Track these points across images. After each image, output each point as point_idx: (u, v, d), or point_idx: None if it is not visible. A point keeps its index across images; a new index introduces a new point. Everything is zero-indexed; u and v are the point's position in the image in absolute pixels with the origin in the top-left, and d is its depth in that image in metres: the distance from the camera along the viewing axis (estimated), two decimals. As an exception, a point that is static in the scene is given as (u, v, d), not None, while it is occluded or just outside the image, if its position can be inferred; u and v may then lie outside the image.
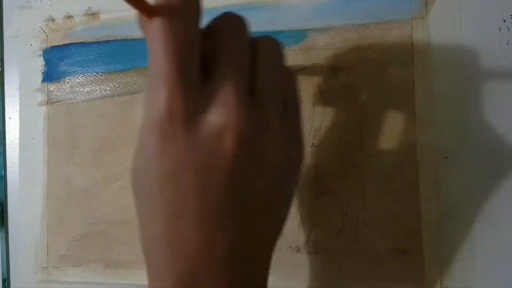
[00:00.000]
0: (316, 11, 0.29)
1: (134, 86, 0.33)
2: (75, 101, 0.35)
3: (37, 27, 0.36)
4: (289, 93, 0.22)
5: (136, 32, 0.33)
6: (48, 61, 0.36)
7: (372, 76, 0.28)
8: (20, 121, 0.36)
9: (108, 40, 0.34)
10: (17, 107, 0.36)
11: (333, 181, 0.28)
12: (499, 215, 0.26)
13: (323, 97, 0.29)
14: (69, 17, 0.35)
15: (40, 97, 0.36)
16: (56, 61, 0.35)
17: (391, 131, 0.28)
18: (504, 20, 0.26)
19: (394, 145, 0.27)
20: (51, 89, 0.35)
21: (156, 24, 0.18)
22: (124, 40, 0.34)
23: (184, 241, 0.18)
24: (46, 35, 0.36)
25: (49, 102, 0.35)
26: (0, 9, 0.37)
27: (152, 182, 0.18)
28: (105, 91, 0.34)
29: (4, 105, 0.37)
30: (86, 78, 0.34)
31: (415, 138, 0.27)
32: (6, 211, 0.36)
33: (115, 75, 0.34)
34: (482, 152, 0.26)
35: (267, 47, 0.21)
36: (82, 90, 0.34)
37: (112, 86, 0.34)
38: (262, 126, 0.18)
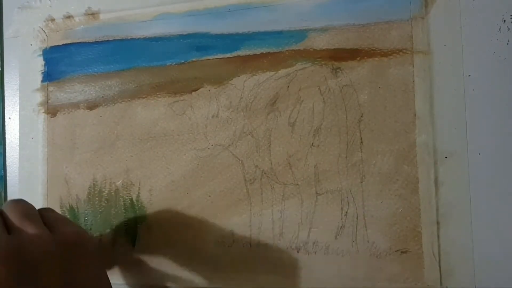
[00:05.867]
0: (316, 11, 0.29)
1: (134, 85, 0.33)
2: (75, 101, 0.35)
3: (37, 27, 0.36)
4: (45, 215, 0.27)
5: (135, 32, 0.33)
6: (48, 61, 0.36)
7: (372, 76, 0.28)
8: (20, 121, 0.36)
9: (108, 40, 0.34)
10: (17, 107, 0.36)
11: (333, 181, 0.28)
12: (499, 215, 0.26)
13: (323, 97, 0.29)
14: (69, 17, 0.35)
15: (40, 97, 0.36)
16: (56, 61, 0.35)
17: (391, 131, 0.28)
18: (504, 20, 0.26)
19: (394, 145, 0.27)
20: (51, 89, 0.35)
21: None
22: (124, 40, 0.34)
23: None
24: (46, 35, 0.36)
25: (49, 102, 0.35)
26: (0, 9, 0.37)
27: None
28: (104, 91, 0.34)
29: (4, 105, 0.37)
30: (86, 78, 0.34)
31: (415, 138, 0.27)
32: (6, 211, 0.36)
33: (115, 75, 0.34)
34: (482, 152, 0.26)
35: (8, 204, 0.26)
36: (82, 90, 0.34)
37: (112, 86, 0.34)
38: (19, 242, 0.23)
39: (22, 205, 0.26)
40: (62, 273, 0.23)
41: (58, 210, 0.34)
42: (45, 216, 0.26)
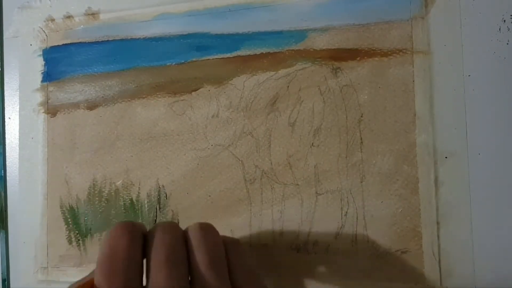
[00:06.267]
0: (316, 11, 0.29)
1: (134, 86, 0.33)
2: (75, 101, 0.35)
3: (37, 27, 0.36)
4: (234, 262, 0.22)
5: (135, 32, 0.33)
6: (47, 61, 0.36)
7: (372, 76, 0.28)
8: (20, 121, 0.36)
9: (108, 40, 0.34)
10: (17, 107, 0.36)
11: (333, 181, 0.28)
12: (499, 215, 0.26)
13: (323, 97, 0.29)
14: (69, 17, 0.35)
15: (39, 97, 0.36)
16: (56, 61, 0.35)
17: (391, 131, 0.28)
18: (504, 20, 0.26)
19: (394, 145, 0.27)
20: (51, 89, 0.35)
21: None
22: (124, 40, 0.34)
23: None
24: (46, 35, 0.36)
25: (49, 102, 0.35)
26: (0, 9, 0.37)
27: None
28: (104, 91, 0.34)
29: (4, 105, 0.37)
30: (86, 78, 0.34)
31: (415, 138, 0.27)
32: (6, 211, 0.36)
33: (115, 75, 0.34)
34: (482, 152, 0.26)
35: (195, 234, 0.22)
36: (81, 90, 0.34)
37: (112, 86, 0.34)
38: None
39: (212, 242, 0.21)
40: None
41: (58, 210, 0.35)
42: (231, 260, 0.22)
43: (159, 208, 0.32)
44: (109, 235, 0.20)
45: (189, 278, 0.21)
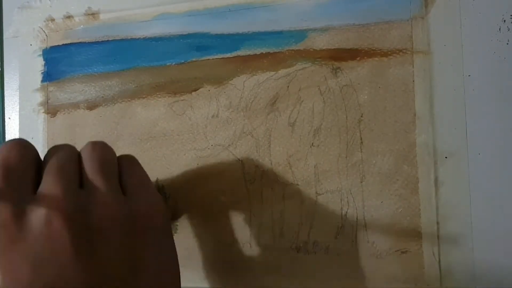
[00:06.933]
0: (316, 11, 0.29)
1: (134, 86, 0.33)
2: (75, 101, 0.35)
3: (36, 27, 0.36)
4: (125, 171, 0.24)
5: (135, 32, 0.33)
6: (47, 61, 0.36)
7: (372, 76, 0.28)
8: (20, 121, 0.36)
9: (108, 40, 0.34)
10: (17, 107, 0.36)
11: (333, 181, 0.28)
12: (499, 215, 0.26)
13: (323, 97, 0.29)
14: (69, 17, 0.35)
15: (39, 97, 0.36)
16: (56, 61, 0.35)
17: (391, 131, 0.28)
18: (504, 20, 0.26)
19: (394, 145, 0.27)
20: (51, 89, 0.35)
21: None
22: (124, 40, 0.34)
23: None
24: (46, 35, 0.36)
25: (49, 102, 0.35)
26: (0, 9, 0.37)
27: None
28: (104, 91, 0.34)
29: (4, 105, 0.37)
30: (86, 78, 0.34)
31: (415, 138, 0.27)
32: (6, 211, 0.36)
33: (115, 75, 0.34)
34: (482, 152, 0.26)
35: (87, 147, 0.24)
36: (81, 90, 0.34)
37: (112, 86, 0.34)
38: (88, 201, 0.21)
39: (101, 153, 0.23)
40: (125, 248, 0.21)
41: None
42: (123, 171, 0.24)
43: (159, 208, 0.32)
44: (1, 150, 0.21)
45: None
